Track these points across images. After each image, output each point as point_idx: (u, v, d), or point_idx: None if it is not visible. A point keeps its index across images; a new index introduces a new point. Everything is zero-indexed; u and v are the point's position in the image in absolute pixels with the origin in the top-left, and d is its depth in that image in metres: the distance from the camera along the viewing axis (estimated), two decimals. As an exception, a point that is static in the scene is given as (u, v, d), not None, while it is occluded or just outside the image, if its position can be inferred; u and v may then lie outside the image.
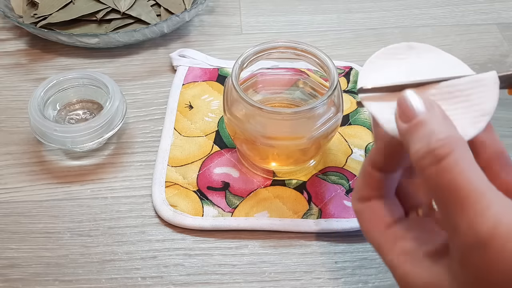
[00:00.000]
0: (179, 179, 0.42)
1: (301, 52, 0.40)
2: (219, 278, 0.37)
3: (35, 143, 0.45)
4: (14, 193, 0.42)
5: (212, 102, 0.47)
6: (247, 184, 0.42)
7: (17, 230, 0.40)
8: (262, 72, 0.43)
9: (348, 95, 0.48)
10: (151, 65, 0.53)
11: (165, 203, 0.40)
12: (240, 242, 0.39)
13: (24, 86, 0.50)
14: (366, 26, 0.57)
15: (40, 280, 0.37)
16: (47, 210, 0.41)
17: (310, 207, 0.40)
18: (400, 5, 0.59)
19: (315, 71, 0.42)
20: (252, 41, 0.54)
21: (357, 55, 0.53)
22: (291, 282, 0.37)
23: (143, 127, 0.47)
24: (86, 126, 0.42)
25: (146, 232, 0.40)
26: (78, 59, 0.53)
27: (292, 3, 0.60)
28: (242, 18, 0.58)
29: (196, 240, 0.39)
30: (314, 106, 0.36)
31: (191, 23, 0.57)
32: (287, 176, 0.42)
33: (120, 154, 0.45)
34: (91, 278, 0.37)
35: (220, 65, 0.51)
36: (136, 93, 0.50)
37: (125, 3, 0.54)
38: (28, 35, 0.55)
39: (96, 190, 0.42)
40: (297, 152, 0.40)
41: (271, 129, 0.38)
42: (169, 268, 0.38)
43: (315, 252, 0.38)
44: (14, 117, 0.48)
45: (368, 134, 0.45)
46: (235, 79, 0.37)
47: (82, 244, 0.39)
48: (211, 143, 0.44)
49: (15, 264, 0.38)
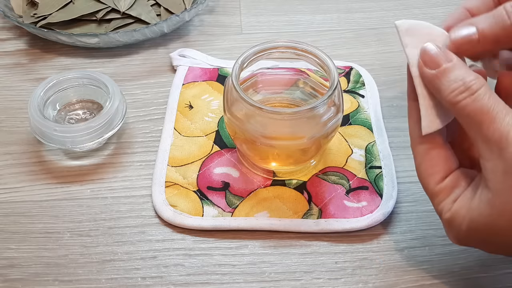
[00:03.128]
0: (179, 179, 0.42)
1: (301, 52, 0.40)
2: (219, 278, 0.37)
3: (35, 143, 0.45)
4: (14, 193, 0.42)
5: (212, 102, 0.47)
6: (247, 184, 0.42)
7: (17, 230, 0.40)
8: (262, 72, 0.43)
9: (349, 95, 0.48)
10: (151, 65, 0.53)
11: (165, 203, 0.40)
12: (240, 242, 0.39)
13: (24, 86, 0.50)
14: (366, 26, 0.57)
15: (40, 280, 0.37)
16: (46, 210, 0.41)
17: (310, 207, 0.40)
18: (400, 5, 0.59)
19: (315, 71, 0.42)
20: (252, 41, 0.54)
21: (357, 55, 0.53)
22: (291, 282, 0.37)
23: (143, 127, 0.47)
24: (86, 126, 0.42)
25: (146, 232, 0.40)
26: (78, 59, 0.53)
27: (292, 3, 0.60)
28: (242, 18, 0.58)
29: (196, 240, 0.39)
30: (315, 106, 0.36)
31: (191, 23, 0.57)
32: (287, 176, 0.42)
33: (120, 154, 0.45)
34: (91, 278, 0.37)
35: (220, 65, 0.51)
36: (136, 93, 0.50)
37: (125, 3, 0.54)
38: (28, 35, 0.55)
39: (96, 190, 0.42)
40: (297, 152, 0.40)
41: (271, 129, 0.38)
42: (169, 268, 0.38)
43: (315, 252, 0.38)
44: (14, 117, 0.47)
45: (369, 134, 0.45)
46: (235, 79, 0.37)
47: (82, 244, 0.39)
48: (211, 143, 0.44)
49: (14, 264, 0.38)
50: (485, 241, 0.32)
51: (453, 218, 0.31)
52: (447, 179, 0.32)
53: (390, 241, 0.39)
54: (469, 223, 0.31)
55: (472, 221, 0.30)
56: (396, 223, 0.40)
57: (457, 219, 0.31)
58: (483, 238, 0.31)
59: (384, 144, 0.44)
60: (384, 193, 0.41)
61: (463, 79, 0.30)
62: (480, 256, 0.38)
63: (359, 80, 0.49)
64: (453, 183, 0.32)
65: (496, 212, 0.29)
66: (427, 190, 0.33)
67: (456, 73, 0.30)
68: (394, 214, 0.40)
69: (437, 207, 0.33)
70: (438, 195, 0.32)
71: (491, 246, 0.32)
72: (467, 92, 0.29)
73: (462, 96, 0.30)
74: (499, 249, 0.33)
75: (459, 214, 0.31)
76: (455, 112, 0.30)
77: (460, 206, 0.31)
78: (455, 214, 0.31)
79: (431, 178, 0.33)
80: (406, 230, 0.40)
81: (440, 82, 0.31)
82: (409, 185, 0.42)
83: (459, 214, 0.31)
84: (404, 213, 0.41)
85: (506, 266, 0.37)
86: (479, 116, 0.29)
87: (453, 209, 0.32)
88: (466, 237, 0.32)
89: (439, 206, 0.33)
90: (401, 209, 0.41)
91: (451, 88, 0.30)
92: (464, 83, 0.30)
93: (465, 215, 0.31)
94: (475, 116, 0.29)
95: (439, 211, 0.33)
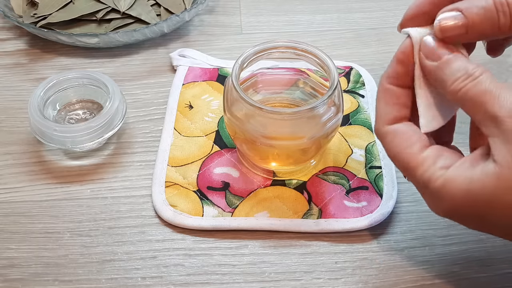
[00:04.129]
0: (179, 179, 0.42)
1: (301, 52, 0.40)
2: (219, 278, 0.37)
3: (35, 143, 0.45)
4: (14, 193, 0.42)
5: (212, 102, 0.47)
6: (247, 184, 0.42)
7: (17, 230, 0.40)
8: (262, 72, 0.43)
9: (349, 95, 0.48)
10: (151, 65, 0.53)
11: (165, 203, 0.40)
12: (240, 242, 0.39)
13: (24, 86, 0.50)
14: (366, 26, 0.57)
15: (40, 280, 0.37)
16: (46, 210, 0.41)
17: (310, 207, 0.40)
18: (400, 5, 0.59)
19: (316, 71, 0.42)
20: (252, 41, 0.54)
21: (357, 55, 0.53)
22: (291, 282, 0.37)
23: (143, 127, 0.47)
24: (86, 126, 0.42)
25: (146, 232, 0.40)
26: (78, 59, 0.53)
27: (292, 3, 0.60)
28: (242, 18, 0.58)
29: (196, 240, 0.39)
30: (315, 106, 0.36)
31: (191, 23, 0.57)
32: (287, 176, 0.42)
33: (120, 154, 0.45)
34: (91, 278, 0.37)
35: (220, 65, 0.51)
36: (136, 93, 0.50)
37: (125, 3, 0.54)
38: (28, 35, 0.55)
39: (96, 190, 0.42)
40: (297, 152, 0.40)
41: (271, 129, 0.38)
42: (169, 268, 0.38)
43: (315, 252, 0.38)
44: (14, 117, 0.47)
45: (369, 134, 0.45)
46: (235, 79, 0.37)
47: (82, 244, 0.39)
48: (211, 143, 0.44)
49: (14, 264, 0.38)
50: (479, 216, 0.29)
51: (446, 186, 0.29)
52: (428, 149, 0.31)
53: (390, 241, 0.39)
54: (465, 193, 0.28)
55: (470, 192, 0.28)
56: (396, 223, 0.40)
57: (452, 188, 0.29)
58: (478, 212, 0.29)
59: (384, 144, 0.44)
60: (384, 193, 0.41)
61: (465, 68, 0.30)
62: (480, 256, 0.38)
63: (359, 80, 0.49)
64: (437, 152, 0.30)
65: (503, 186, 0.28)
66: (407, 164, 0.31)
67: (458, 63, 0.30)
68: (394, 214, 0.40)
69: (422, 177, 0.30)
70: (422, 163, 0.30)
71: (484, 222, 0.30)
72: (470, 78, 0.30)
73: (465, 83, 0.30)
74: (493, 227, 0.30)
75: (455, 182, 0.29)
76: (458, 99, 0.30)
77: (457, 174, 0.29)
78: (449, 182, 0.29)
79: (409, 149, 0.31)
80: (406, 230, 0.40)
81: (442, 73, 0.31)
82: (409, 185, 0.42)
83: (455, 183, 0.29)
84: (404, 213, 0.41)
85: (506, 266, 0.37)
86: (483, 96, 0.29)
87: (446, 176, 0.29)
88: (457, 209, 0.29)
89: (425, 174, 0.30)
90: (401, 209, 0.41)
91: (454, 77, 0.30)
92: (467, 72, 0.30)
93: (461, 185, 0.29)
94: (479, 97, 0.29)
95: (425, 180, 0.30)
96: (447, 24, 0.31)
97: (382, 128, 0.32)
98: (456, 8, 0.31)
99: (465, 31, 0.30)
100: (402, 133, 0.32)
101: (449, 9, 0.31)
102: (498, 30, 0.30)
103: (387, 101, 0.32)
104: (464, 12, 0.30)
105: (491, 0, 0.30)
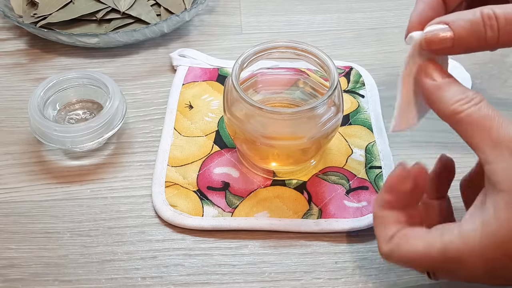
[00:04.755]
0: (179, 179, 0.42)
1: (301, 52, 0.40)
2: (219, 278, 0.37)
3: (35, 143, 0.45)
4: (14, 193, 0.42)
5: (212, 102, 0.47)
6: (247, 184, 0.42)
7: (17, 230, 0.40)
8: (262, 72, 0.43)
9: (348, 95, 0.48)
10: (151, 65, 0.53)
11: (165, 203, 0.40)
12: (240, 242, 0.39)
13: (24, 86, 0.50)
14: (367, 26, 0.57)
15: (40, 280, 0.37)
16: (46, 210, 0.41)
17: (310, 207, 0.40)
18: (400, 5, 0.59)
19: (315, 71, 0.42)
20: (252, 41, 0.54)
21: (357, 55, 0.53)
22: (291, 282, 0.37)
23: (143, 127, 0.47)
24: (86, 126, 0.42)
25: (146, 232, 0.40)
26: (78, 59, 0.53)
27: (292, 3, 0.60)
28: (242, 18, 0.58)
29: (196, 240, 0.39)
30: (315, 106, 0.36)
31: (191, 23, 0.57)
32: (287, 176, 0.42)
33: (120, 154, 0.45)
34: (91, 278, 0.37)
35: (220, 65, 0.51)
36: (136, 93, 0.50)
37: (125, 3, 0.54)
38: (28, 35, 0.55)
39: (96, 190, 0.42)
40: (297, 152, 0.40)
41: (271, 129, 0.38)
42: (169, 268, 0.38)
43: (315, 252, 0.38)
44: (14, 117, 0.47)
45: (369, 134, 0.45)
46: (235, 79, 0.37)
47: (82, 244, 0.39)
48: (211, 143, 0.44)
49: (14, 264, 0.38)
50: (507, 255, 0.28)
51: (453, 250, 0.29)
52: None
53: (390, 241, 0.39)
54: (485, 237, 0.28)
55: (490, 234, 0.28)
56: (396, 223, 0.40)
57: (464, 242, 0.28)
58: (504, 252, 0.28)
59: (384, 144, 0.44)
60: (384, 193, 0.41)
61: (465, 93, 0.30)
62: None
63: (359, 80, 0.49)
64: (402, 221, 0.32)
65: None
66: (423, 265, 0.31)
67: (460, 86, 0.31)
68: (394, 214, 0.40)
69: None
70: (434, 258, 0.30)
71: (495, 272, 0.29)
72: (472, 102, 0.30)
73: (467, 105, 0.30)
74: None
75: (466, 236, 0.29)
76: (457, 120, 0.30)
77: (461, 228, 0.29)
78: (455, 241, 0.29)
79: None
80: (406, 230, 0.40)
81: (442, 93, 0.31)
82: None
83: (466, 236, 0.28)
84: (404, 213, 0.41)
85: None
86: (488, 122, 0.29)
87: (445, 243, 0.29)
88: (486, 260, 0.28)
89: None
90: (401, 209, 0.41)
91: (455, 98, 0.30)
92: (467, 96, 0.30)
93: (475, 231, 0.28)
94: (483, 122, 0.29)
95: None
96: (433, 37, 0.30)
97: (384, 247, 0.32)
98: (443, 21, 0.30)
99: (451, 44, 0.30)
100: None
101: (436, 22, 0.31)
102: (485, 44, 0.30)
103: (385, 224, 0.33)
104: (450, 26, 0.30)
105: (478, 13, 0.29)
